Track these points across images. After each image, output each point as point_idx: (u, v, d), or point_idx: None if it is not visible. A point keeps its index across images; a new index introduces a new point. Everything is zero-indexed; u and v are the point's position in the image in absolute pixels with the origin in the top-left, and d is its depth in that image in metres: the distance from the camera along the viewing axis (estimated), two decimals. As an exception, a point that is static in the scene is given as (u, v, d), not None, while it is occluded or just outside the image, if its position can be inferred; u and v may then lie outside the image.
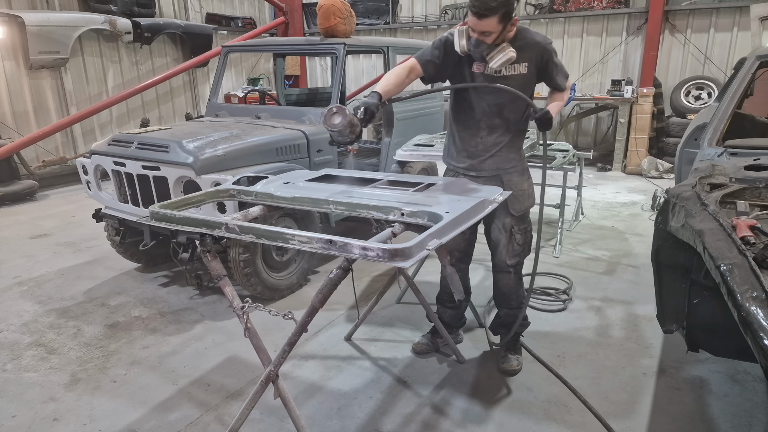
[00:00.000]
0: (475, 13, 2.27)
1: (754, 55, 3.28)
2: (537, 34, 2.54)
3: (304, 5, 9.82)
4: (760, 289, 1.37)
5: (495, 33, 2.32)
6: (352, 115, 2.17)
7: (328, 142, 2.29)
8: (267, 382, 2.22)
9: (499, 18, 2.27)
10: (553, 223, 5.47)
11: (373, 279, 4.21)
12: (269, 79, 11.11)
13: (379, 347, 3.21)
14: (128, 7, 8.36)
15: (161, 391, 2.79)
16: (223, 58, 5.15)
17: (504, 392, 2.75)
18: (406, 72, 2.53)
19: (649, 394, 2.72)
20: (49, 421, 2.57)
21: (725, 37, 8.13)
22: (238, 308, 2.14)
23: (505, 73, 2.52)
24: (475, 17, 2.28)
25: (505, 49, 2.37)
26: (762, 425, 2.46)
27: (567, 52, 9.39)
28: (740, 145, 2.76)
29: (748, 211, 1.97)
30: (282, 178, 2.72)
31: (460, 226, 1.99)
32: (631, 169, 8.09)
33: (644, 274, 4.22)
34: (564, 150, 4.86)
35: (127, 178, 3.83)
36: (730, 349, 2.14)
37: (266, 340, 2.44)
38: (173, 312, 3.70)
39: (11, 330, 3.46)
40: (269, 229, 1.92)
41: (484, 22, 2.27)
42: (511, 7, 2.27)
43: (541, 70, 2.56)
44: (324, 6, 4.59)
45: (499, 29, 2.31)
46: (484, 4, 2.23)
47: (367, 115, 2.27)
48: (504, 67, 2.44)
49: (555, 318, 3.54)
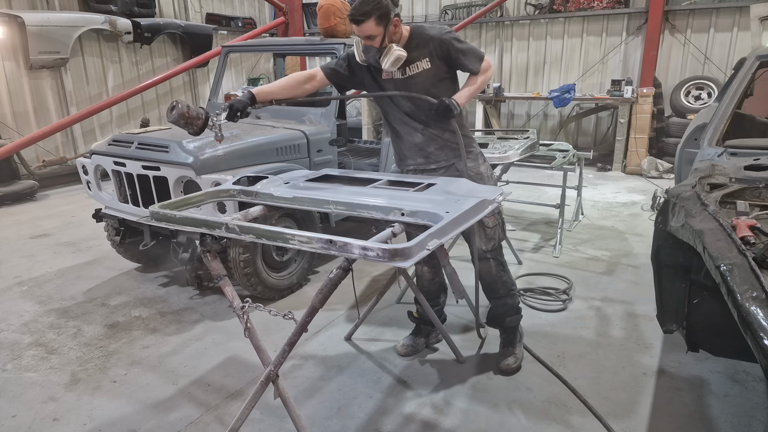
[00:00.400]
0: (353, 21, 2.41)
1: (754, 55, 3.28)
2: (432, 28, 2.62)
3: (304, 5, 9.82)
4: (760, 289, 1.37)
5: (378, 36, 2.45)
6: (185, 109, 2.34)
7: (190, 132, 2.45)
8: (267, 382, 2.22)
9: (375, 21, 2.40)
10: (553, 223, 5.47)
11: (373, 279, 4.21)
12: (269, 79, 11.11)
13: (379, 347, 3.21)
14: (128, 7, 8.36)
15: (161, 391, 2.79)
16: (223, 58, 5.15)
17: (504, 392, 2.75)
18: (304, 78, 2.70)
19: (649, 394, 2.72)
20: (49, 421, 2.57)
21: (725, 37, 8.13)
22: (238, 308, 2.14)
23: (410, 73, 2.61)
24: (354, 24, 2.43)
25: (391, 49, 2.48)
26: (762, 425, 2.46)
27: (567, 52, 9.40)
28: (740, 145, 2.76)
29: (748, 211, 1.97)
30: (282, 178, 2.72)
31: (460, 226, 1.99)
32: (631, 169, 8.09)
33: (644, 274, 4.22)
34: (564, 150, 4.86)
35: (127, 178, 3.83)
36: (730, 349, 2.14)
37: (266, 340, 2.45)
38: (173, 312, 3.70)
39: (11, 330, 3.46)
40: (269, 229, 1.92)
41: (363, 27, 2.42)
42: (384, 9, 2.40)
43: (447, 61, 2.61)
44: (324, 6, 4.59)
45: (381, 31, 2.44)
46: (358, 10, 2.39)
47: (232, 111, 2.44)
48: (396, 67, 2.53)
49: (555, 318, 3.54)
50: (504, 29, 9.88)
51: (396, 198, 2.26)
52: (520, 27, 9.74)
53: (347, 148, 5.98)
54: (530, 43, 9.70)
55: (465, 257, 4.65)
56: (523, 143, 4.37)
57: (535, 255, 4.70)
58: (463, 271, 4.31)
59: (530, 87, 9.84)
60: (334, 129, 4.43)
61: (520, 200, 5.81)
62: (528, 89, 9.84)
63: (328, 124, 4.41)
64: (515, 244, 4.71)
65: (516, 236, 5.19)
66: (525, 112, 10.08)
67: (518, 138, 4.75)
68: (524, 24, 9.68)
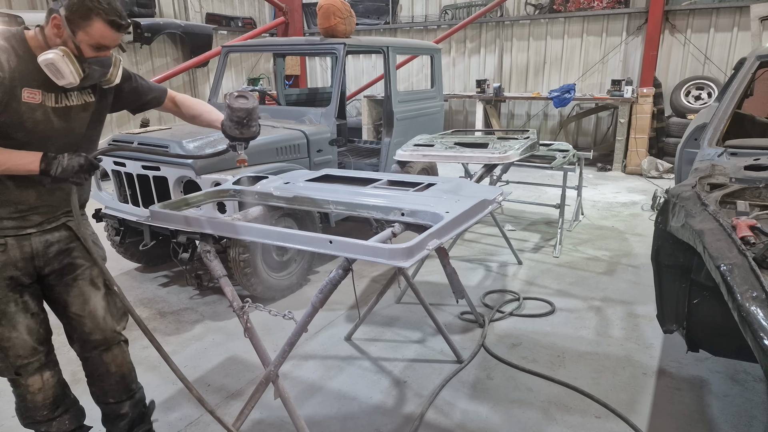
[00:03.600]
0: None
1: (754, 55, 3.28)
2: None
3: (304, 5, 9.82)
4: (760, 289, 1.37)
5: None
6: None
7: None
8: (267, 382, 2.22)
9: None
10: (553, 223, 5.47)
11: (373, 279, 4.21)
12: (269, 79, 11.11)
13: (379, 347, 3.21)
14: (128, 7, 8.35)
15: (161, 391, 2.79)
16: (223, 58, 5.15)
17: (504, 392, 2.75)
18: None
19: (649, 394, 2.72)
20: (49, 421, 2.57)
21: (725, 37, 8.13)
22: (238, 308, 2.14)
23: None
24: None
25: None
26: (762, 425, 2.46)
27: (567, 52, 9.40)
28: (740, 145, 2.76)
29: (748, 211, 1.97)
30: (282, 178, 2.72)
31: (460, 226, 1.99)
32: (631, 169, 8.09)
33: (644, 274, 4.22)
34: (564, 150, 4.86)
35: (127, 178, 3.83)
36: (730, 349, 2.14)
37: (266, 340, 2.44)
38: (173, 312, 3.70)
39: (11, 330, 3.45)
40: (269, 229, 1.92)
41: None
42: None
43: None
44: (324, 6, 4.59)
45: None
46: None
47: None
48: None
49: (555, 318, 3.54)
50: (504, 29, 9.88)
51: (396, 198, 2.26)
52: (520, 27, 9.74)
53: (347, 148, 5.99)
54: (530, 43, 9.70)
55: (465, 257, 4.66)
56: (523, 143, 4.35)
57: (535, 255, 4.70)
58: (463, 271, 4.32)
59: (530, 87, 9.84)
60: (334, 129, 4.43)
61: (520, 200, 5.81)
62: (528, 89, 9.84)
63: (328, 124, 4.41)
64: (515, 244, 4.71)
65: (516, 236, 5.19)
66: (525, 112, 10.08)
67: (518, 138, 4.74)
68: (524, 24, 9.68)
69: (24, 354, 1.99)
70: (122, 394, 2.24)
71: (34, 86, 1.76)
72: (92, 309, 2.09)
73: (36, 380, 2.05)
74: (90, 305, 2.08)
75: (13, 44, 1.75)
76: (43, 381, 2.08)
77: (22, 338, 1.97)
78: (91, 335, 2.10)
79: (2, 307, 1.90)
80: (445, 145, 3.58)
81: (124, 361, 2.22)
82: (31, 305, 2.00)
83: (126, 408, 2.26)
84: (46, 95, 1.80)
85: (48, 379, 2.10)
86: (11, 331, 1.93)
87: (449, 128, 5.64)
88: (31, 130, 1.79)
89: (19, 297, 1.95)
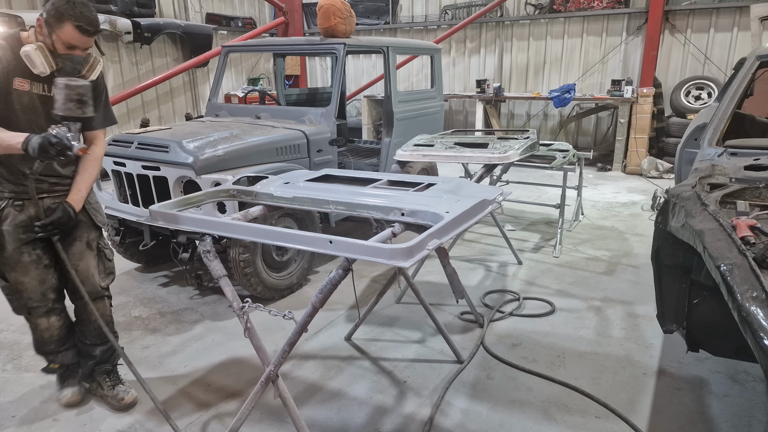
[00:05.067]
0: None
1: (754, 55, 3.28)
2: None
3: (304, 5, 9.82)
4: (760, 289, 1.37)
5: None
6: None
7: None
8: (267, 382, 2.22)
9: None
10: (553, 223, 5.47)
11: (373, 279, 4.21)
12: (269, 79, 11.11)
13: (379, 347, 3.21)
14: (128, 7, 8.35)
15: (161, 391, 2.79)
16: (223, 58, 5.15)
17: (504, 392, 2.75)
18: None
19: (649, 394, 2.72)
20: (50, 421, 2.57)
21: (725, 37, 8.13)
22: (238, 308, 2.14)
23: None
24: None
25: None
26: (762, 425, 2.46)
27: (567, 52, 9.40)
28: (740, 145, 2.76)
29: (748, 211, 1.97)
30: (282, 178, 2.72)
31: (460, 226, 1.99)
32: (631, 169, 8.09)
33: (644, 274, 4.22)
34: (564, 150, 4.86)
35: (127, 178, 3.83)
36: (730, 349, 2.14)
37: (266, 340, 2.44)
38: (173, 312, 3.70)
39: (11, 330, 3.45)
40: (269, 229, 1.92)
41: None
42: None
43: None
44: (324, 6, 4.59)
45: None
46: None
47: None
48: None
49: (555, 318, 3.54)
50: (504, 29, 9.88)
51: (396, 198, 2.26)
52: (520, 27, 9.74)
53: (347, 148, 5.99)
54: (530, 43, 9.70)
55: (465, 257, 4.66)
56: (523, 143, 4.35)
57: (535, 255, 4.70)
58: (463, 271, 4.32)
59: (530, 87, 9.84)
60: (334, 129, 4.43)
61: (520, 200, 5.81)
62: (528, 89, 9.83)
63: (328, 124, 4.41)
64: (515, 244, 4.71)
65: (516, 236, 5.19)
66: (525, 112, 10.08)
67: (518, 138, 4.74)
68: (524, 24, 9.68)
69: (35, 298, 2.42)
70: (96, 338, 2.62)
71: (25, 77, 2.18)
72: (85, 266, 2.49)
73: (43, 321, 2.49)
74: (83, 262, 2.48)
75: (10, 43, 2.18)
76: (49, 323, 2.51)
77: (33, 284, 2.39)
78: (81, 286, 2.42)
79: (17, 257, 2.33)
80: (445, 145, 3.58)
81: (104, 314, 2.57)
82: (44, 258, 2.40)
83: (97, 351, 2.65)
84: (34, 84, 2.21)
85: (54, 323, 2.52)
86: (23, 276, 2.36)
87: (449, 128, 5.65)
88: (19, 112, 2.21)
89: (32, 249, 2.35)
